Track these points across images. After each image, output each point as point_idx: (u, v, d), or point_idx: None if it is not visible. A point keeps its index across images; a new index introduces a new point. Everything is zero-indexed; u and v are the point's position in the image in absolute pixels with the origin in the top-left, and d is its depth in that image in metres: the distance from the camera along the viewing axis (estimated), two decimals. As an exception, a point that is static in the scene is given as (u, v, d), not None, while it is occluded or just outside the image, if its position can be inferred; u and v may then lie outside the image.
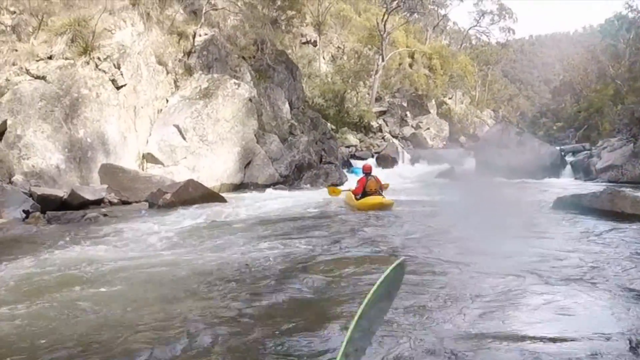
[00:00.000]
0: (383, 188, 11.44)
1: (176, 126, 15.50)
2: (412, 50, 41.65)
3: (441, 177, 20.70)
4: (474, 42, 60.08)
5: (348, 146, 27.82)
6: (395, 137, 34.22)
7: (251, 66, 19.78)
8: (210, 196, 12.56)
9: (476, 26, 55.67)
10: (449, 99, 48.06)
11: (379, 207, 10.57)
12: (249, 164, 16.89)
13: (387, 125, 35.68)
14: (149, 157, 15.31)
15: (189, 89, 16.68)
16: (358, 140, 29.76)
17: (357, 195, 11.11)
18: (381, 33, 34.79)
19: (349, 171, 21.82)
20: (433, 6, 50.82)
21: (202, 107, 15.99)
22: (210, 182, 14.67)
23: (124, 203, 12.74)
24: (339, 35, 37.02)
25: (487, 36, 57.60)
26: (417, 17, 48.96)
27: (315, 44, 32.65)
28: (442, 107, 45.03)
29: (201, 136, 15.73)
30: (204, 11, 18.63)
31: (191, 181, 12.77)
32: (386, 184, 12.19)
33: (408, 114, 38.67)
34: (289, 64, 22.92)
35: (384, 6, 36.92)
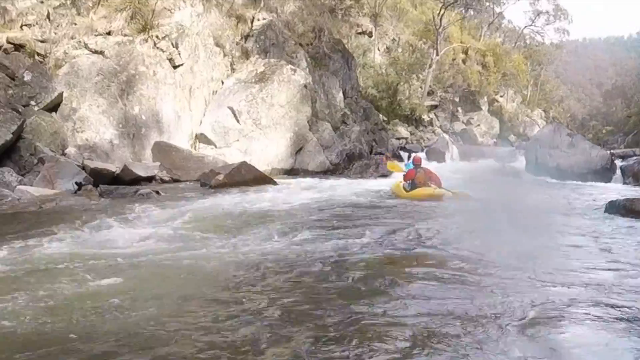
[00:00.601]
0: (434, 180, 10.88)
1: (230, 108, 15.26)
2: (466, 46, 40.79)
3: (491, 174, 20.04)
4: (528, 41, 58.16)
5: (399, 138, 27.35)
6: (446, 132, 33.62)
7: (307, 53, 19.42)
8: (262, 179, 12.32)
9: (531, 25, 54.04)
10: (501, 96, 46.90)
11: (428, 198, 10.18)
12: (300, 150, 16.56)
13: (438, 120, 35.08)
14: (201, 138, 15.16)
15: (245, 72, 16.46)
16: (409, 133, 29.34)
17: (406, 185, 10.79)
18: (436, 27, 34.01)
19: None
20: (489, 3, 49.75)
21: (258, 91, 15.73)
22: (261, 165, 14.34)
23: (175, 181, 12.68)
24: (394, 27, 36.38)
25: (542, 36, 55.77)
26: (473, 13, 48.38)
27: (370, 34, 32.11)
28: (494, 104, 44.03)
29: (255, 120, 15.46)
30: (263, -4, 18.38)
31: (244, 163, 12.60)
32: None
33: (459, 109, 37.94)
34: (344, 53, 22.58)
35: (441, 1, 36.27)
